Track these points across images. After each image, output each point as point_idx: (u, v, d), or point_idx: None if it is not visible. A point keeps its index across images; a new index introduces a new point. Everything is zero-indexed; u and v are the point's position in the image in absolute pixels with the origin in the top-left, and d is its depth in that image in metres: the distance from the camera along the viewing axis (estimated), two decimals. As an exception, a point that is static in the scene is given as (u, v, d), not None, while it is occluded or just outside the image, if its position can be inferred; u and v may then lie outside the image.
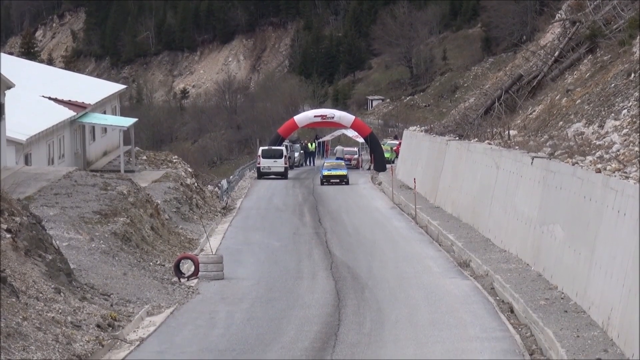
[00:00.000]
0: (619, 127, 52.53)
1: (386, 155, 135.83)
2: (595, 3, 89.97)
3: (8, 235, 43.80)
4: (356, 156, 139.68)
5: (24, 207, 48.59)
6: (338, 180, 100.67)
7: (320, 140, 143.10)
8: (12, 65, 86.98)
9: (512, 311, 44.77)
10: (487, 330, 41.84)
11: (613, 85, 63.58)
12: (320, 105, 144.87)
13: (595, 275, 40.34)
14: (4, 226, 44.28)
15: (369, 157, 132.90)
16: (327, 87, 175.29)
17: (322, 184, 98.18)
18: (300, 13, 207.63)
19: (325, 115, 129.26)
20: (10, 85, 75.60)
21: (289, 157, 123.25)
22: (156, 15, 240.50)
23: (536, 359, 36.94)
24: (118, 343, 40.15)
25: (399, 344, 39.78)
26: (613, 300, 37.10)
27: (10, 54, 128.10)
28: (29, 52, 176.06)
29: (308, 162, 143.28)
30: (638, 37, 66.31)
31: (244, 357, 38.50)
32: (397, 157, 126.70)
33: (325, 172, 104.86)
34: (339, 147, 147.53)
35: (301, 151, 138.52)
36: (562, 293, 44.11)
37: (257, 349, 39.80)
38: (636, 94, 56.23)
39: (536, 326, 40.12)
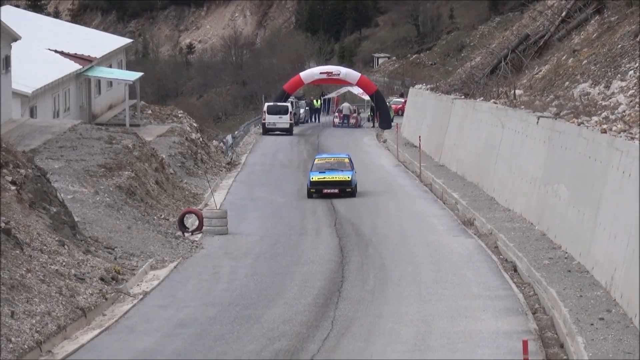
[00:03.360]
0: (625, 88, 52.46)
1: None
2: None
3: (13, 188, 43.88)
4: (355, 114, 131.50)
5: (29, 160, 48.62)
6: (337, 191, 63.28)
7: (326, 97, 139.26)
8: (19, 18, 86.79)
9: (515, 270, 44.88)
10: (490, 288, 41.91)
11: (620, 46, 63.40)
12: (326, 62, 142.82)
13: (599, 236, 40.37)
14: (9, 178, 44.35)
15: (369, 115, 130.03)
16: (333, 44, 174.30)
17: (309, 196, 64.44)
18: None
19: (331, 72, 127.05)
20: (16, 38, 75.50)
21: (294, 114, 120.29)
22: None
23: (539, 317, 36.58)
24: (122, 296, 40.59)
25: (402, 302, 39.84)
26: (617, 261, 37.13)
27: (17, 6, 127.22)
28: (35, 5, 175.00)
29: (313, 119, 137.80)
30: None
31: (247, 312, 38.70)
32: (396, 115, 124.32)
33: (315, 177, 64.79)
34: (345, 104, 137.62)
35: (306, 108, 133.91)
36: (566, 253, 44.11)
37: (260, 304, 40.01)
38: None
39: (539, 285, 40.29)
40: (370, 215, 63.31)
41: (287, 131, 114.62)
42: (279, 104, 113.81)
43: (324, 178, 47.40)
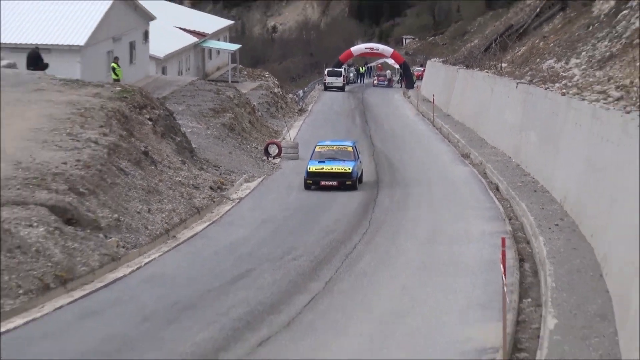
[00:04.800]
0: (579, 64, 52.53)
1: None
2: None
3: (150, 123, 44.51)
4: (391, 75, 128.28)
5: (161, 104, 49.21)
6: (336, 183, 47.35)
7: (369, 65, 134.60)
8: (154, 4, 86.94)
9: (497, 189, 45.89)
10: (480, 201, 43.59)
11: (577, 34, 63.45)
12: (369, 40, 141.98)
13: (557, 168, 41.40)
14: (147, 116, 44.91)
15: (399, 78, 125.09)
16: (374, 28, 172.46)
17: (306, 187, 48.11)
18: None
19: (373, 48, 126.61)
20: (152, 18, 75.80)
21: (346, 76, 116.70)
22: None
23: (513, 222, 38.14)
24: (224, 200, 41.95)
25: (419, 210, 41.69)
26: (569, 185, 37.97)
27: None
28: None
29: (359, 81, 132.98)
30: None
31: (311, 214, 40.29)
32: (417, 80, 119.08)
33: (313, 167, 47.89)
34: (382, 68, 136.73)
35: (355, 72, 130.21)
36: (533, 178, 45.26)
37: (319, 209, 41.65)
38: (593, 40, 56.28)
39: (514, 200, 41.83)
40: (398, 149, 62.93)
41: (341, 89, 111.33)
42: (335, 69, 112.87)
43: (322, 169, 37.35)
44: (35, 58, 54.26)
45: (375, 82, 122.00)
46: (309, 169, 39.70)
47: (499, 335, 21.65)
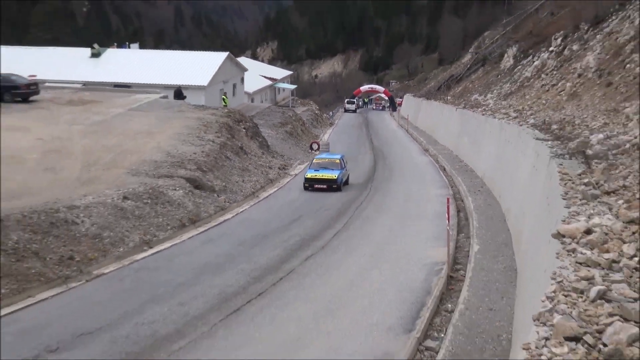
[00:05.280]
0: (492, 97, 52.26)
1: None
2: (486, 44, 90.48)
3: (244, 130, 44.39)
4: (383, 103, 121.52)
5: (250, 119, 49.02)
6: (325, 187, 39.31)
7: (370, 97, 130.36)
8: (248, 61, 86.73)
9: (444, 170, 45.11)
10: (434, 177, 43.25)
11: (491, 80, 62.98)
12: (370, 83, 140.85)
13: (479, 158, 41.60)
14: (243, 126, 44.76)
15: (387, 105, 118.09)
16: (374, 76, 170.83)
17: (305, 189, 39.95)
18: (366, 44, 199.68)
19: (373, 87, 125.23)
20: (246, 69, 75.44)
21: (357, 104, 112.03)
22: (309, 41, 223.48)
23: (454, 189, 37.44)
24: (286, 175, 41.46)
25: (398, 182, 41.25)
26: (486, 168, 37.83)
27: (246, 57, 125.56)
28: (254, 56, 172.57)
29: (364, 107, 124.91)
30: (504, 57, 65.70)
31: (328, 193, 38.60)
32: (398, 106, 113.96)
33: (309, 174, 40.54)
34: (377, 100, 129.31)
35: (362, 101, 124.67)
36: (466, 164, 45.07)
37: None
38: (500, 83, 56.08)
39: (454, 176, 41.58)
40: (387, 146, 61.17)
41: (354, 111, 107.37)
42: (351, 99, 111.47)
43: (315, 176, 34.51)
44: (179, 93, 54.55)
45: (374, 107, 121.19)
46: (307, 175, 35.83)
47: (445, 255, 21.78)
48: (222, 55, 68.17)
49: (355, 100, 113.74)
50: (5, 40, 74.43)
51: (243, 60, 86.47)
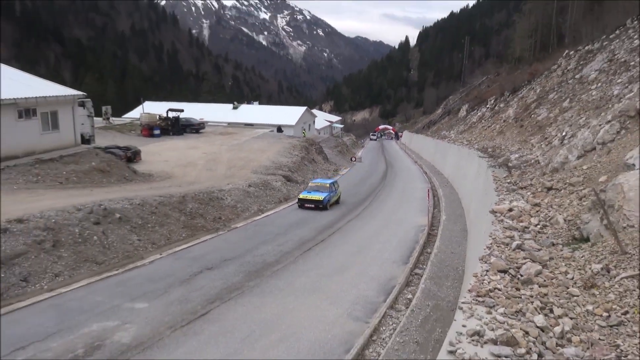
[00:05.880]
0: (454, 132, 50.77)
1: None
2: (450, 103, 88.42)
3: (314, 150, 43.51)
4: (392, 135, 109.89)
5: (318, 143, 48.11)
6: (313, 206, 25.67)
7: (384, 132, 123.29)
8: (316, 112, 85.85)
9: (426, 173, 42.69)
10: (420, 177, 40.43)
11: (453, 123, 61.30)
12: (384, 124, 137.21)
13: (445, 166, 39.91)
14: (313, 148, 43.92)
15: (394, 136, 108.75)
16: (386, 120, 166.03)
17: (299, 207, 25.79)
18: (382, 103, 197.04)
19: (386, 127, 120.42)
20: (315, 116, 74.78)
21: (377, 136, 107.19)
22: (351, 100, 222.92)
23: (431, 184, 35.57)
24: (339, 173, 39.52)
25: (401, 181, 38.33)
26: (449, 172, 36.54)
27: (315, 109, 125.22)
28: (320, 109, 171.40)
29: (380, 137, 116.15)
30: (460, 110, 63.93)
31: (365, 180, 37.83)
32: (401, 137, 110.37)
33: (302, 195, 26.31)
34: (387, 132, 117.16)
35: (379, 134, 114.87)
36: (438, 170, 43.06)
37: (368, 178, 39.18)
38: (457, 126, 54.48)
39: (432, 177, 39.61)
40: (394, 160, 57.77)
41: (375, 140, 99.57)
42: (373, 133, 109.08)
43: (306, 197, 26.04)
44: (279, 128, 54.58)
45: (386, 138, 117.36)
46: (299, 196, 25.61)
47: (427, 221, 21.20)
48: (303, 108, 67.91)
49: (376, 133, 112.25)
50: (187, 99, 76.24)
51: (314, 111, 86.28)
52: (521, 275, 7.93)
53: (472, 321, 6.50)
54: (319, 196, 25.41)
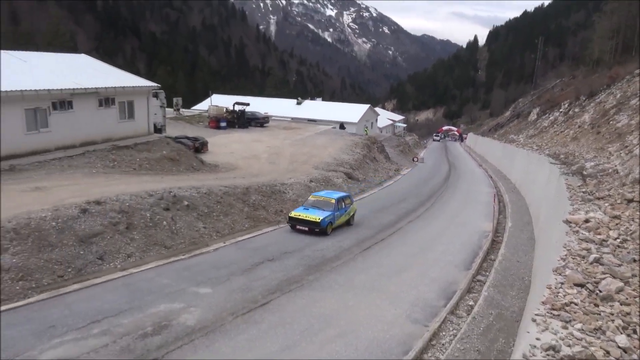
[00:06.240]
0: (523, 137, 48.73)
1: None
2: (519, 106, 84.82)
3: (376, 148, 42.97)
4: (456, 136, 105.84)
5: (380, 142, 47.47)
6: (307, 229, 17.85)
7: (448, 133, 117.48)
8: (379, 110, 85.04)
9: (491, 177, 41.21)
10: (485, 181, 39.24)
11: (522, 127, 58.86)
12: (448, 124, 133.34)
13: (513, 171, 38.32)
14: (375, 146, 43.30)
15: (458, 137, 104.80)
16: (450, 120, 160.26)
17: (291, 227, 18.29)
18: (447, 103, 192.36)
19: (450, 128, 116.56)
20: (378, 114, 74.02)
21: (440, 137, 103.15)
22: (415, 99, 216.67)
23: (497, 189, 34.37)
24: (399, 173, 39.02)
25: (465, 184, 37.37)
26: (516, 178, 35.08)
27: (378, 107, 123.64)
28: (383, 107, 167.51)
29: (444, 138, 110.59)
30: (531, 114, 61.32)
31: (427, 180, 37.17)
32: (465, 139, 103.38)
33: (293, 213, 18.35)
34: (450, 133, 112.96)
35: (443, 135, 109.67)
36: (504, 174, 41.59)
37: (430, 179, 38.38)
38: (526, 130, 52.33)
39: (498, 182, 38.21)
40: (456, 160, 56.65)
41: (438, 141, 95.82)
42: (437, 134, 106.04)
43: (299, 215, 18.19)
44: (342, 125, 54.59)
45: (450, 139, 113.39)
46: (290, 214, 18.74)
47: (491, 226, 20.54)
48: (366, 106, 67.34)
49: (439, 134, 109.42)
50: (252, 93, 77.68)
51: (377, 109, 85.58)
52: (600, 291, 7.43)
53: (546, 335, 6.23)
54: (316, 216, 18.05)
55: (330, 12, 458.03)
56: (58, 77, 21.99)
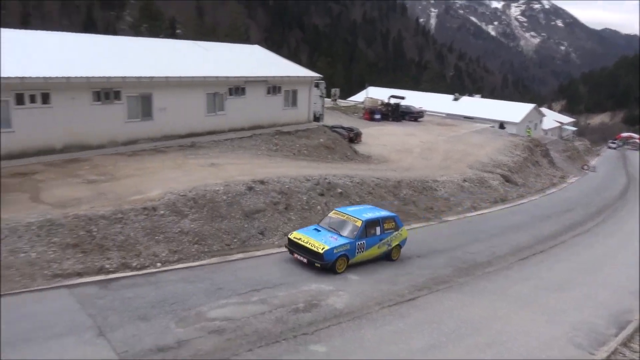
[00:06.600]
0: None
1: None
2: None
3: (539, 152, 39.77)
4: (638, 144, 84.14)
5: (544, 145, 43.59)
6: (305, 261, 11.77)
7: (628, 141, 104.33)
8: (544, 111, 77.74)
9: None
10: None
11: None
12: (628, 130, 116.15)
13: None
14: (539, 149, 40.24)
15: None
16: (631, 127, 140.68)
17: (290, 253, 12.38)
18: (627, 106, 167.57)
19: (631, 135, 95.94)
20: (544, 115, 67.54)
21: (617, 144, 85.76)
22: (587, 101, 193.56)
23: None
24: (565, 182, 35.17)
25: None
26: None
27: (544, 108, 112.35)
28: (549, 108, 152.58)
29: (622, 146, 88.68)
30: None
31: (597, 190, 33.43)
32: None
33: (292, 235, 12.42)
34: (630, 142, 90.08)
35: (621, 143, 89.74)
36: None
37: (603, 192, 33.97)
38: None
39: None
40: (637, 172, 46.60)
41: (614, 149, 79.63)
42: (613, 141, 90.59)
43: (300, 240, 11.99)
44: (501, 125, 51.57)
45: (630, 148, 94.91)
46: (290, 235, 12.74)
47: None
48: (530, 106, 62.36)
49: (616, 141, 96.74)
50: (407, 87, 76.89)
51: (542, 109, 78.38)
52: None
53: None
54: (320, 243, 12.27)
55: (497, 4, 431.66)
56: (234, 65, 24.47)
